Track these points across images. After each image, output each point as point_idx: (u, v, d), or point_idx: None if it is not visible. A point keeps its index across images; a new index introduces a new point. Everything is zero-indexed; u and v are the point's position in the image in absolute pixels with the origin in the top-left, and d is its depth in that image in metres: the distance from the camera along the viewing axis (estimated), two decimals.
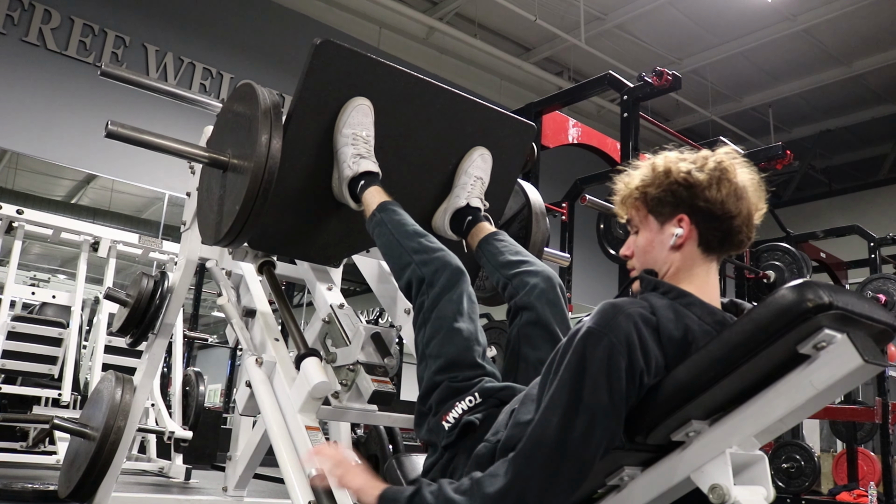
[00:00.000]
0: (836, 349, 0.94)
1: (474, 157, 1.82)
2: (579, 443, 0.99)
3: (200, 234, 1.78)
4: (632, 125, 3.26)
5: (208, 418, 5.11)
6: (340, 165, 1.63)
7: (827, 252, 5.49)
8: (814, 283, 0.96)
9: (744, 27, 7.67)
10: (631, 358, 1.01)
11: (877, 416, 4.45)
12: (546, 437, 1.00)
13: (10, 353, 3.96)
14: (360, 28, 7.66)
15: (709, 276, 1.19)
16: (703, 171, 1.17)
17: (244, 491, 2.44)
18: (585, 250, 4.75)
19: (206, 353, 11.89)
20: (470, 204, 1.78)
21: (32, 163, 6.79)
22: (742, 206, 1.16)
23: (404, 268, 1.48)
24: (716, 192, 1.15)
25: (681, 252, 1.18)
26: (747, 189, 1.18)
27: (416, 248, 1.48)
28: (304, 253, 1.84)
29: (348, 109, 1.63)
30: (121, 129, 1.51)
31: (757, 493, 1.03)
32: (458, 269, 1.45)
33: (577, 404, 1.00)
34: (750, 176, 1.20)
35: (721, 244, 1.18)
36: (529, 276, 1.55)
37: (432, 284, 1.42)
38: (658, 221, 1.20)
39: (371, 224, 1.58)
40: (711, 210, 1.15)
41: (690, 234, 1.17)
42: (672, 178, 1.18)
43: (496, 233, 1.72)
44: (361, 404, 1.59)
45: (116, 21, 5.97)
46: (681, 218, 1.17)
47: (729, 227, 1.16)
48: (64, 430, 2.09)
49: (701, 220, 1.17)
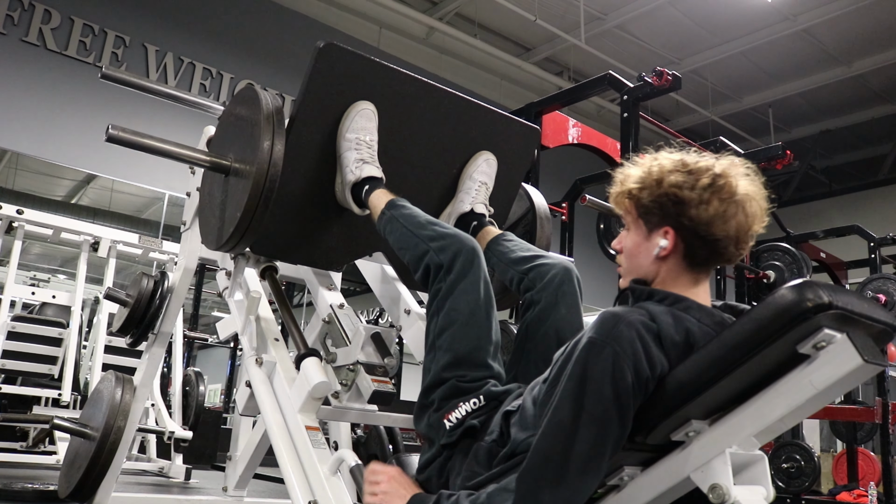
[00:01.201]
0: (835, 349, 0.94)
1: (479, 161, 1.81)
2: (586, 455, 1.00)
3: (202, 239, 1.77)
4: (632, 125, 3.26)
5: (208, 418, 5.11)
6: (343, 170, 1.62)
7: (827, 252, 5.49)
8: (813, 283, 0.96)
9: (744, 27, 7.67)
10: (637, 367, 1.01)
11: (877, 416, 4.45)
12: (552, 450, 1.01)
13: (10, 353, 3.96)
14: (360, 28, 7.66)
15: (697, 286, 1.18)
16: (693, 188, 1.14)
17: (244, 491, 2.44)
18: (585, 250, 4.74)
19: (206, 353, 11.89)
20: (475, 209, 1.76)
21: (32, 163, 6.79)
22: (730, 226, 1.13)
23: (421, 257, 1.45)
24: (703, 212, 1.13)
25: (666, 263, 1.18)
26: (742, 206, 1.14)
27: (431, 236, 1.46)
28: (306, 258, 1.83)
29: (352, 114, 1.62)
30: (121, 133, 1.49)
31: (757, 492, 1.03)
32: (475, 250, 1.42)
33: (582, 415, 1.00)
34: (748, 190, 1.16)
35: (707, 260, 1.17)
36: (547, 269, 1.53)
37: (450, 270, 1.40)
38: (646, 228, 1.20)
39: (381, 223, 1.56)
40: (696, 230, 1.14)
41: (676, 247, 1.16)
42: (662, 189, 1.16)
43: (504, 234, 1.71)
44: (361, 404, 1.59)
45: (116, 21, 5.97)
46: (666, 230, 1.16)
47: (714, 247, 1.15)
48: (64, 430, 2.09)
49: (687, 236, 1.15)
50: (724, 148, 4.52)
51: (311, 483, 1.36)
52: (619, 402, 1.00)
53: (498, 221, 1.94)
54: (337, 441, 2.29)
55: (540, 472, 1.01)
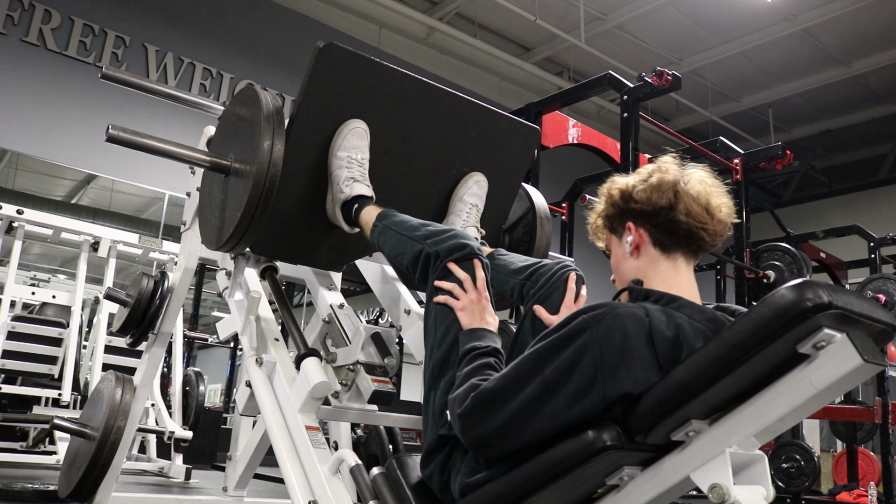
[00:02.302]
0: (835, 349, 0.94)
1: (470, 183, 1.81)
2: (521, 405, 1.06)
3: (202, 239, 1.77)
4: (632, 125, 3.26)
5: (208, 418, 5.11)
6: (334, 188, 1.62)
7: (827, 252, 5.50)
8: (813, 283, 0.96)
9: (744, 27, 7.68)
10: (607, 359, 1.03)
11: (877, 416, 4.45)
12: (501, 390, 1.09)
13: (10, 352, 3.96)
14: (360, 28, 7.66)
15: (678, 274, 1.23)
16: (637, 184, 1.26)
17: (244, 491, 2.44)
18: (585, 250, 4.74)
19: (206, 353, 11.88)
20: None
21: (32, 163, 6.78)
22: (668, 196, 1.22)
23: (417, 255, 1.45)
24: (641, 193, 1.24)
25: (640, 257, 1.26)
26: (681, 181, 1.23)
27: (425, 235, 1.46)
28: (306, 258, 1.83)
29: (344, 132, 1.61)
30: (121, 133, 1.49)
31: (756, 492, 1.03)
32: (471, 243, 1.43)
33: (536, 374, 1.07)
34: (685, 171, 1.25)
35: (673, 240, 1.23)
36: (547, 268, 1.55)
37: (445, 256, 1.40)
38: (617, 237, 1.31)
39: (374, 235, 1.55)
40: (643, 209, 1.24)
41: (641, 237, 1.25)
42: (615, 196, 1.30)
43: (497, 250, 1.72)
44: (361, 404, 1.59)
45: (116, 21, 5.97)
46: (628, 226, 1.27)
47: (666, 220, 1.22)
48: (64, 430, 2.09)
49: (644, 222, 1.25)
50: (723, 148, 4.52)
51: (312, 483, 1.36)
52: (574, 381, 1.03)
53: (498, 222, 1.94)
54: (337, 441, 2.29)
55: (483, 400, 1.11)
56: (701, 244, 1.24)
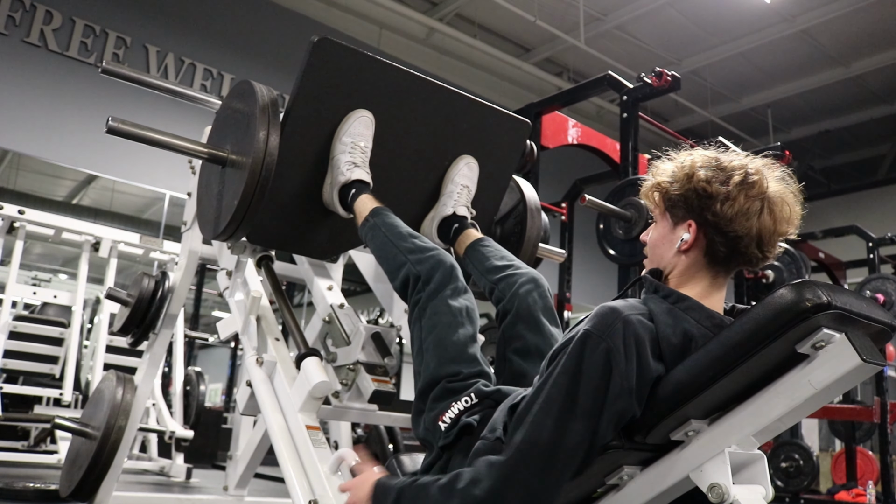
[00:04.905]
0: (834, 349, 0.95)
1: (460, 165, 1.84)
2: (574, 448, 1.01)
3: (200, 228, 1.80)
4: (631, 125, 3.26)
5: (209, 418, 5.12)
6: (334, 171, 1.66)
7: (826, 252, 5.50)
8: (812, 283, 0.97)
9: (743, 28, 7.68)
10: (627, 369, 1.02)
11: (875, 416, 4.46)
12: (541, 440, 1.01)
13: (11, 352, 3.98)
14: (360, 29, 7.66)
15: (713, 287, 1.18)
16: (723, 184, 1.14)
17: (245, 490, 2.45)
18: (585, 250, 4.76)
19: (206, 352, 11.89)
20: (456, 212, 1.80)
21: (34, 163, 6.78)
22: (752, 224, 1.13)
23: (399, 268, 1.49)
24: (727, 209, 1.13)
25: (686, 256, 1.18)
26: (769, 206, 1.14)
27: (410, 249, 1.49)
28: (302, 247, 1.86)
29: (351, 119, 1.66)
30: (121, 125, 1.53)
31: (755, 492, 1.04)
32: (452, 266, 1.46)
33: (574, 409, 1.01)
34: (778, 190, 1.16)
35: (727, 259, 1.16)
36: (515, 279, 1.57)
37: (428, 282, 1.43)
38: (672, 221, 1.21)
39: (364, 229, 1.59)
40: (718, 224, 1.14)
41: (697, 241, 1.17)
42: (692, 183, 1.17)
43: (482, 239, 1.73)
44: (361, 404, 1.59)
45: (117, 22, 5.97)
46: (690, 224, 1.17)
47: (735, 245, 1.14)
48: (65, 429, 2.10)
49: (709, 231, 1.16)
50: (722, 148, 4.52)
51: (312, 482, 1.36)
52: (609, 399, 1.01)
53: (490, 213, 1.94)
54: (337, 440, 2.29)
55: (526, 460, 1.01)
56: (750, 266, 1.20)
